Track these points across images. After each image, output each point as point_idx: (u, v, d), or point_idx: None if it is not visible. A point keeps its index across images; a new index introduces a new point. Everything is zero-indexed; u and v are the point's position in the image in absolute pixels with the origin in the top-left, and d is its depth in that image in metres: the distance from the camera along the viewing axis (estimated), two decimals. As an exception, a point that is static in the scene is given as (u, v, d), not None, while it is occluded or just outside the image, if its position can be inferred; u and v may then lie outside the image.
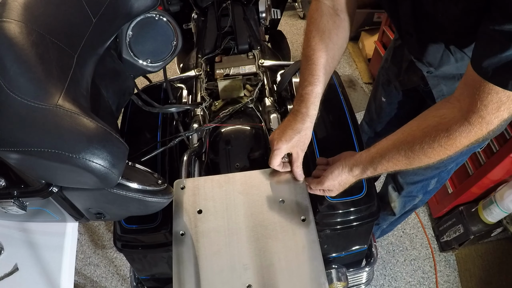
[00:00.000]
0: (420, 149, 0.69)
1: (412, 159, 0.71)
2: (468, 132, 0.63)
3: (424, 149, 0.68)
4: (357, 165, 0.80)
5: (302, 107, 0.83)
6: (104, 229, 2.01)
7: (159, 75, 1.09)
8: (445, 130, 0.65)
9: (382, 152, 0.76)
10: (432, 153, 0.68)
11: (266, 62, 1.26)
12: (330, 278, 0.98)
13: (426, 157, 0.69)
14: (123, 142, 0.61)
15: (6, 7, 0.61)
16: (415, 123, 0.73)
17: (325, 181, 0.84)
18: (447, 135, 0.65)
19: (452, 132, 0.64)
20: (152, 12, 0.89)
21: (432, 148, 0.67)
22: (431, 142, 0.67)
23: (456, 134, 0.64)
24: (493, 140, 1.45)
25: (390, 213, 1.46)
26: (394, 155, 0.73)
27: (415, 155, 0.70)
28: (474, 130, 0.62)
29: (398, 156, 0.73)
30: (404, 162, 0.73)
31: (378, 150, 0.77)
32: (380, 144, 0.78)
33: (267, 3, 1.67)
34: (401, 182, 1.30)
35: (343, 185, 0.84)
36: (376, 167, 0.77)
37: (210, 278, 0.74)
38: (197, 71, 1.25)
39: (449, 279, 1.78)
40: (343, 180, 0.83)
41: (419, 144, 0.69)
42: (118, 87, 0.91)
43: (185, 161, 0.95)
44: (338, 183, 0.84)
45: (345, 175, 0.82)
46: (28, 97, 0.54)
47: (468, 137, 0.63)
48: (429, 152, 0.68)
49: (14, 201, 0.64)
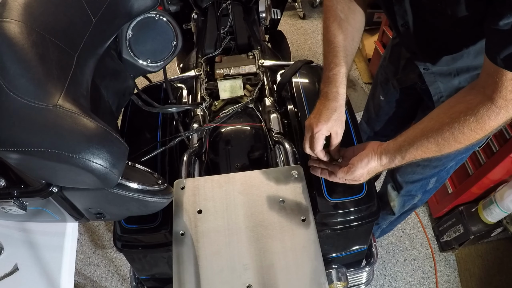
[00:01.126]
0: (450, 135, 0.70)
1: (442, 146, 0.72)
2: (496, 115, 0.65)
3: (455, 135, 0.70)
4: (385, 154, 0.81)
5: (332, 87, 0.86)
6: (104, 229, 2.01)
7: (159, 75, 1.09)
8: (474, 115, 0.67)
9: (410, 141, 0.76)
10: (462, 138, 0.69)
11: (266, 62, 1.26)
12: (330, 278, 0.98)
13: (456, 142, 0.71)
14: (123, 142, 0.61)
15: (6, 7, 0.61)
16: (442, 110, 0.74)
17: (355, 170, 0.83)
18: (475, 119, 0.67)
19: (480, 116, 0.66)
20: (152, 12, 0.89)
21: (462, 133, 0.69)
22: (461, 128, 0.68)
23: (484, 118, 0.66)
24: (493, 140, 1.45)
25: (390, 213, 1.46)
26: (423, 143, 0.74)
27: (445, 141, 0.71)
28: (502, 112, 0.65)
29: (427, 144, 0.74)
30: (434, 149, 0.74)
31: (406, 139, 0.77)
32: (407, 133, 0.78)
33: (267, 3, 1.67)
34: (400, 181, 1.30)
35: (371, 174, 0.85)
36: (404, 156, 0.78)
37: (210, 278, 0.74)
38: (197, 71, 1.25)
39: (449, 279, 1.78)
40: (372, 169, 0.83)
41: (449, 130, 0.70)
42: (118, 87, 0.91)
43: (185, 161, 0.95)
44: (367, 172, 0.84)
45: (374, 163, 0.82)
46: (28, 97, 0.54)
47: (497, 119, 0.66)
48: (460, 138, 0.69)
49: (14, 201, 0.64)
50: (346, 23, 0.89)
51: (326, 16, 0.91)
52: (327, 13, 0.91)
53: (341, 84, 0.86)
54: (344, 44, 0.88)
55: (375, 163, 0.82)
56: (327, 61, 0.88)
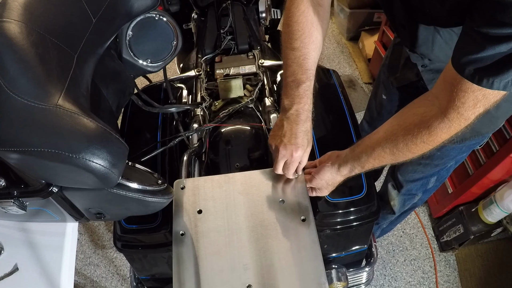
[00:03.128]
0: (404, 146, 0.72)
1: (397, 155, 0.75)
2: (448, 128, 0.66)
3: (408, 146, 0.72)
4: (344, 164, 0.82)
5: (304, 104, 0.83)
6: (104, 229, 2.01)
7: (159, 75, 1.09)
8: (427, 128, 0.68)
9: (367, 151, 0.78)
10: (415, 148, 0.72)
11: (266, 62, 1.26)
12: (330, 278, 0.98)
13: (410, 152, 0.73)
14: (123, 142, 0.61)
15: (6, 7, 0.61)
16: (395, 122, 0.76)
17: (312, 180, 0.86)
18: (428, 132, 0.68)
19: (433, 129, 0.68)
20: (152, 12, 0.89)
21: (415, 145, 0.71)
22: (414, 139, 0.70)
23: (437, 131, 0.67)
24: (493, 140, 1.45)
25: (390, 212, 1.47)
26: (379, 153, 0.76)
27: (399, 151, 0.74)
28: (453, 125, 0.66)
29: (383, 154, 0.76)
30: (390, 158, 0.76)
31: (363, 149, 0.79)
32: (364, 143, 0.80)
33: (267, 3, 1.67)
34: (401, 180, 1.30)
35: (331, 184, 0.86)
36: (363, 165, 0.80)
37: (210, 278, 0.74)
38: (197, 71, 1.25)
39: (449, 279, 1.78)
40: (330, 179, 0.85)
41: (403, 142, 0.72)
42: (118, 87, 0.91)
43: (185, 161, 0.95)
44: (326, 182, 0.85)
45: (332, 174, 0.84)
46: (28, 97, 0.54)
47: (448, 132, 0.67)
48: (413, 148, 0.72)
49: (14, 201, 0.64)
50: (317, 32, 0.81)
51: (294, 20, 0.81)
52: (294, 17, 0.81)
53: (310, 100, 0.83)
54: (315, 56, 0.82)
55: (333, 174, 0.84)
56: (298, 72, 0.81)
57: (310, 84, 0.82)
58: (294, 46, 0.81)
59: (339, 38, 2.95)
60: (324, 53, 2.82)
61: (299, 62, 0.81)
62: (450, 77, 0.63)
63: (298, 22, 0.81)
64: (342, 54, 2.82)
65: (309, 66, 0.81)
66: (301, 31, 0.81)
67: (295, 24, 0.82)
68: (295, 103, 0.83)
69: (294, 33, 0.82)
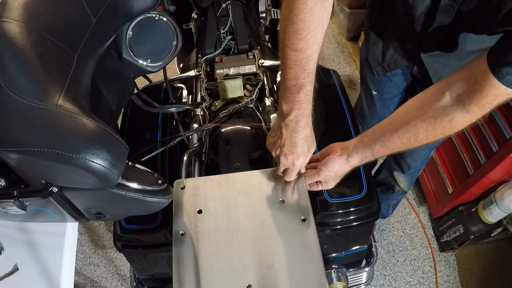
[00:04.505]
0: (423, 137, 0.75)
1: (413, 144, 0.77)
2: (469, 121, 0.71)
3: (428, 136, 0.74)
4: (354, 155, 0.82)
5: (303, 109, 0.79)
6: (104, 229, 2.01)
7: (159, 75, 1.09)
8: (448, 121, 0.71)
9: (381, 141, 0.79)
10: (434, 138, 0.74)
11: (266, 62, 1.26)
12: (330, 278, 0.98)
13: (427, 141, 0.76)
14: (123, 142, 0.61)
15: (6, 7, 0.61)
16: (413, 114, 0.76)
17: (320, 172, 0.85)
18: (450, 125, 0.71)
19: (454, 122, 0.71)
20: (152, 12, 0.89)
21: (435, 136, 0.74)
22: (435, 131, 0.73)
23: (458, 124, 0.71)
24: (493, 140, 1.45)
25: (401, 192, 1.59)
26: (395, 143, 0.77)
27: (417, 141, 0.76)
28: (473, 118, 0.70)
29: (399, 144, 0.77)
30: (405, 147, 0.78)
31: (374, 139, 0.79)
32: (374, 133, 0.80)
33: (267, 3, 1.67)
34: (409, 162, 1.38)
35: (339, 175, 0.85)
36: (376, 154, 0.81)
37: (210, 278, 0.74)
38: (197, 71, 1.25)
39: (449, 279, 1.78)
40: (339, 170, 0.84)
41: (423, 133, 0.74)
42: (118, 87, 0.91)
43: (185, 161, 0.95)
44: (334, 174, 0.84)
45: (341, 165, 0.83)
46: (28, 97, 0.54)
47: (468, 124, 0.71)
48: (431, 138, 0.75)
49: (14, 201, 0.64)
50: (322, 30, 0.74)
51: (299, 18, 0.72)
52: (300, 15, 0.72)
53: (311, 105, 0.79)
54: (316, 56, 0.76)
55: (341, 165, 0.83)
56: (295, 75, 0.75)
57: (311, 88, 0.78)
58: (298, 47, 0.74)
59: (339, 38, 2.95)
60: (324, 53, 2.82)
61: (302, 64, 0.75)
62: (478, 79, 0.65)
63: (304, 21, 0.72)
64: (342, 54, 2.82)
65: (312, 68, 0.76)
66: (307, 31, 0.72)
67: (301, 22, 0.72)
68: (295, 108, 0.78)
69: (298, 32, 0.73)
